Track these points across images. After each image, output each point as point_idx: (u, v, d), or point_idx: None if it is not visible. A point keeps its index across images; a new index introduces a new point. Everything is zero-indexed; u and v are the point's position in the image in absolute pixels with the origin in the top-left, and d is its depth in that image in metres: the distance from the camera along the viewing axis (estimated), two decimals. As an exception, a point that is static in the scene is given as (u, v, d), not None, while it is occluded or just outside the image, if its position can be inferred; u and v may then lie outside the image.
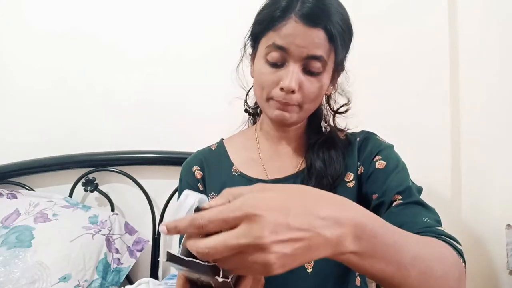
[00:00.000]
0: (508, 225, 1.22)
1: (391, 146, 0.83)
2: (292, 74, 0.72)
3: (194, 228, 0.43)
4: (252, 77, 0.83)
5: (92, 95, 1.45)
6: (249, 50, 0.84)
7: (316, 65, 0.73)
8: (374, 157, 0.80)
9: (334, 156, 0.80)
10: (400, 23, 1.32)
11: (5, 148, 1.46)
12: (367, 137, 0.85)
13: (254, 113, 0.94)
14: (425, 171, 1.25)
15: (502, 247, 1.23)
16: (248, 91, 0.91)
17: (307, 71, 0.73)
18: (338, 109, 0.88)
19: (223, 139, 0.94)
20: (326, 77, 0.76)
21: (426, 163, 1.27)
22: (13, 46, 1.49)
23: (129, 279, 1.33)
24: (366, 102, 1.20)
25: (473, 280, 1.30)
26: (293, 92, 0.73)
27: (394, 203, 0.72)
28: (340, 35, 0.73)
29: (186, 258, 0.46)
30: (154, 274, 1.37)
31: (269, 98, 0.76)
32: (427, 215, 0.69)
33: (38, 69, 1.47)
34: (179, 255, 0.47)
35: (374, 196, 0.76)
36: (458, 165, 1.31)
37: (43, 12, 1.48)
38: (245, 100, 0.92)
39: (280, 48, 0.72)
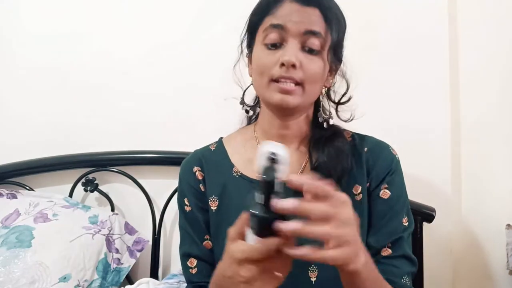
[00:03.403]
0: (508, 225, 1.22)
1: (400, 168, 0.83)
2: (291, 49, 0.72)
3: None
4: (251, 76, 0.83)
5: (92, 95, 1.45)
6: (245, 51, 0.84)
7: (315, 42, 0.73)
8: (383, 179, 0.80)
9: (340, 151, 0.78)
10: (400, 23, 1.31)
11: (5, 148, 1.46)
12: (376, 148, 0.83)
13: (252, 110, 0.91)
14: (425, 171, 1.26)
15: (502, 247, 1.23)
16: (245, 90, 0.88)
17: (306, 49, 0.73)
18: (340, 99, 0.85)
19: (222, 138, 0.92)
20: (325, 58, 0.75)
21: (426, 163, 1.27)
22: (13, 46, 1.49)
23: (129, 279, 1.33)
24: (365, 102, 1.20)
25: (473, 280, 1.30)
26: (293, 66, 0.71)
27: (383, 253, 0.78)
28: (334, 17, 0.75)
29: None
30: (154, 274, 1.37)
31: (270, 81, 0.74)
32: (409, 270, 0.77)
33: (38, 69, 1.47)
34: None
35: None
36: (458, 165, 1.31)
37: (42, 13, 1.48)
38: (242, 98, 0.88)
39: (277, 26, 0.73)
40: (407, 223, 0.80)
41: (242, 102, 0.88)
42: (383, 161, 0.81)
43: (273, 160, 0.51)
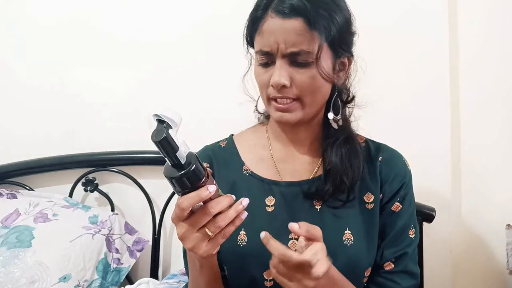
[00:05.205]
0: (508, 225, 1.22)
1: (411, 181, 0.83)
2: (279, 70, 0.71)
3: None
4: None
5: (92, 94, 1.45)
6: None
7: (303, 58, 0.71)
8: (396, 193, 0.80)
9: (352, 152, 0.78)
10: (399, 23, 1.31)
11: (5, 148, 1.46)
12: (391, 159, 0.83)
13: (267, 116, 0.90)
14: (425, 171, 1.26)
15: (502, 247, 1.23)
16: (258, 98, 0.85)
17: (296, 63, 0.72)
18: (346, 98, 0.83)
19: (233, 135, 0.91)
20: (320, 65, 0.72)
21: (426, 163, 1.27)
22: (14, 45, 1.49)
23: (129, 279, 1.34)
24: (365, 102, 1.20)
25: (473, 280, 1.30)
26: (284, 86, 0.71)
27: (385, 267, 0.80)
28: (323, 17, 0.70)
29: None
30: (154, 274, 1.37)
31: (269, 99, 0.75)
32: (408, 285, 0.79)
33: (38, 68, 1.47)
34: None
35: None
36: (458, 165, 1.31)
37: (43, 10, 1.47)
38: (256, 106, 0.87)
39: (264, 53, 0.73)
40: (413, 235, 0.81)
41: (256, 110, 0.88)
42: (397, 175, 0.81)
43: (160, 121, 0.54)
